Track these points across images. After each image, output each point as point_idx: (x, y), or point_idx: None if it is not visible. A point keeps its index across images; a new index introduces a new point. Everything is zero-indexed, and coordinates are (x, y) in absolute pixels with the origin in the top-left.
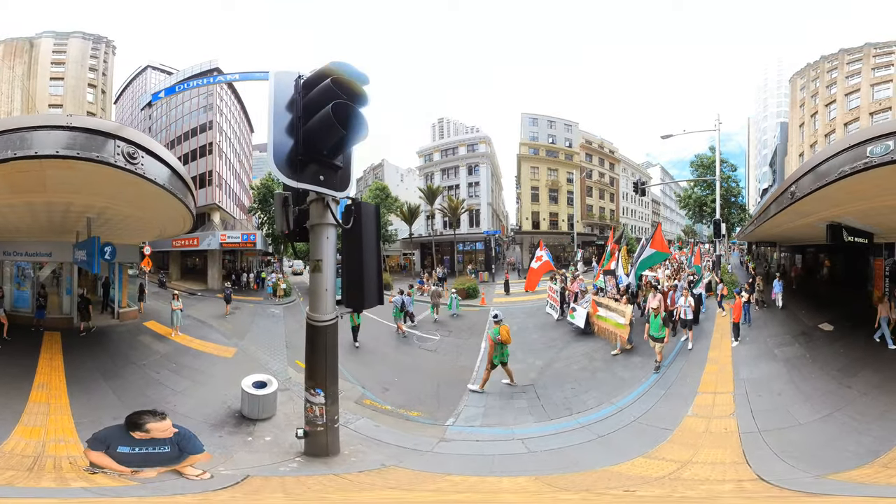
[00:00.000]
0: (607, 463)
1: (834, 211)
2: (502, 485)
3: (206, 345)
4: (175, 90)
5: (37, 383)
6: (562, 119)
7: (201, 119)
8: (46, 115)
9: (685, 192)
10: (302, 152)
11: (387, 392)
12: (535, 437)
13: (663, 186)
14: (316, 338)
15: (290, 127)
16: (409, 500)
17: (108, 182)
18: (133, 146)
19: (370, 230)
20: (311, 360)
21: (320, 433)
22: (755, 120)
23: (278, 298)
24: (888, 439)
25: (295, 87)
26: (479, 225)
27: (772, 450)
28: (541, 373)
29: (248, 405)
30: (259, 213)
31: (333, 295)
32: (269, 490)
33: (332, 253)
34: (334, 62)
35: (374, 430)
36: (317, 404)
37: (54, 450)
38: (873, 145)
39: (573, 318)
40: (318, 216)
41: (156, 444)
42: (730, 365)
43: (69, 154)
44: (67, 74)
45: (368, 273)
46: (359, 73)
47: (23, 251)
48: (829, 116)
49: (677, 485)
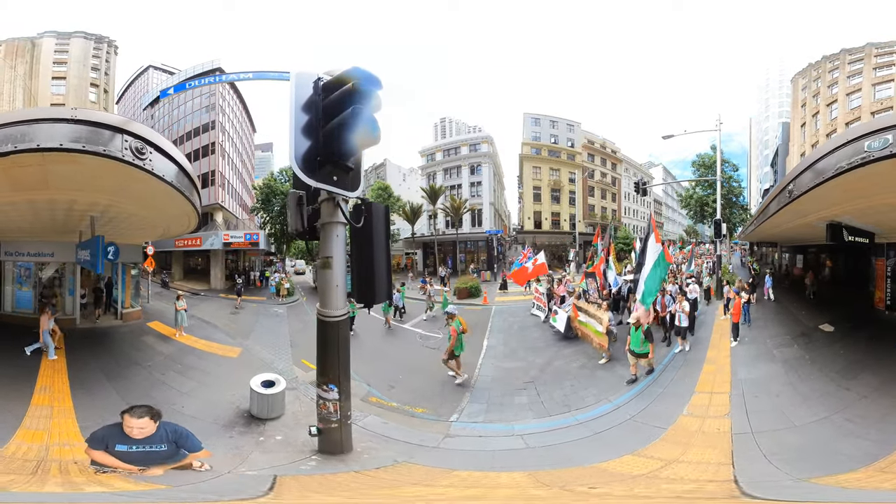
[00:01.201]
0: (598, 459)
1: (833, 210)
2: (500, 480)
3: (211, 345)
4: (185, 87)
5: (39, 386)
6: (564, 119)
7: (204, 119)
8: (49, 108)
9: (687, 193)
10: (321, 153)
11: (392, 389)
12: (534, 434)
13: (665, 186)
14: (328, 333)
15: (308, 127)
16: (429, 495)
17: (113, 178)
18: (141, 141)
19: (380, 229)
20: (323, 355)
21: (334, 430)
22: (757, 120)
23: (282, 298)
24: (888, 443)
25: (314, 88)
26: (481, 224)
27: (761, 451)
28: (541, 370)
29: (258, 405)
30: (261, 212)
31: (344, 290)
32: (310, 489)
33: (342, 250)
34: (354, 68)
35: (382, 426)
36: (330, 400)
37: (59, 453)
38: (871, 139)
39: (555, 322)
40: (329, 215)
41: (152, 442)
42: (728, 365)
43: (74, 147)
44: (69, 74)
45: (379, 270)
46: (375, 78)
47: (25, 251)
48: (831, 116)
49: (657, 483)
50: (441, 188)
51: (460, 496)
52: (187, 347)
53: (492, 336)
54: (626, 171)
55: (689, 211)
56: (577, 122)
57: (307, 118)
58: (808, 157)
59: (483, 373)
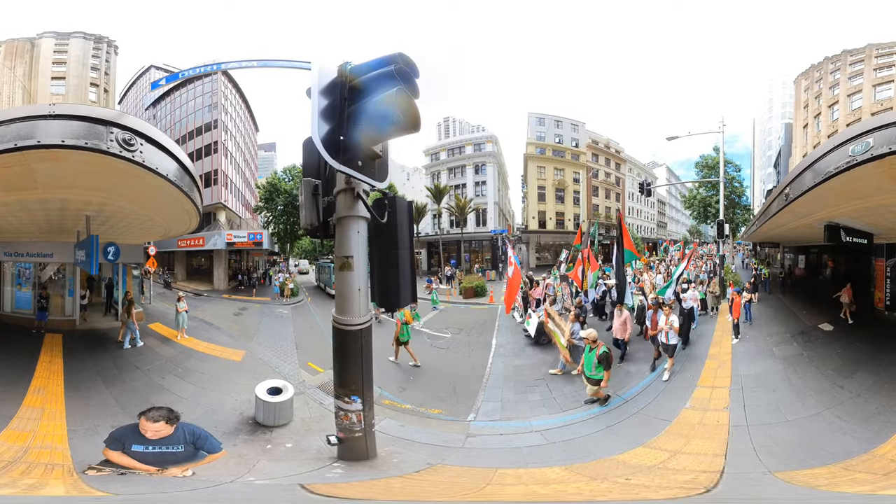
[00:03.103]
0: (615, 452)
1: (830, 211)
2: (549, 475)
3: (214, 348)
4: (178, 76)
5: (33, 387)
6: (568, 119)
7: (206, 118)
8: (26, 106)
9: (690, 193)
10: (346, 134)
11: (404, 391)
12: (551, 429)
13: (669, 187)
14: (349, 343)
15: (330, 110)
16: (507, 494)
17: (104, 174)
18: (129, 132)
19: (404, 225)
20: (343, 367)
21: (358, 439)
22: (761, 120)
23: (286, 298)
24: (869, 441)
25: (339, 72)
26: (485, 224)
27: (752, 444)
28: (552, 367)
29: (263, 412)
30: (265, 211)
31: (367, 295)
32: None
33: (363, 248)
34: (398, 52)
35: (400, 430)
36: (353, 411)
37: (36, 456)
38: (854, 144)
39: (528, 325)
40: (348, 208)
41: (169, 443)
42: (729, 361)
43: (52, 143)
44: (69, 74)
45: (403, 271)
46: (416, 66)
47: (24, 252)
48: (832, 118)
49: (667, 473)
50: (446, 187)
51: (549, 493)
52: (189, 350)
53: (500, 335)
54: (630, 171)
55: (692, 211)
56: (581, 121)
57: (328, 101)
58: (802, 161)
59: (494, 371)
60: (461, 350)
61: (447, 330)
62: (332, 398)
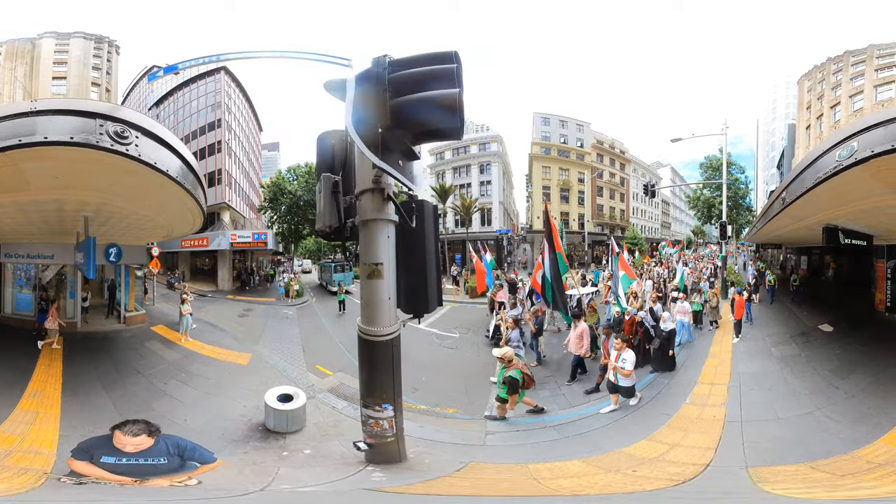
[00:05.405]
0: (622, 445)
1: (826, 214)
2: (569, 469)
3: (219, 351)
4: (177, 68)
5: (30, 391)
6: (573, 119)
7: (209, 117)
8: (8, 105)
9: (694, 194)
10: (388, 129)
11: (417, 392)
12: (563, 424)
13: (673, 187)
14: (380, 354)
15: (371, 103)
16: (562, 487)
17: (99, 172)
18: (122, 124)
19: (431, 230)
20: (372, 377)
21: (390, 443)
22: (764, 121)
23: (291, 299)
24: (856, 441)
25: (376, 63)
26: (490, 223)
27: (742, 439)
28: (559, 364)
29: (274, 419)
30: (269, 211)
31: (395, 304)
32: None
33: (392, 255)
34: (452, 50)
35: (420, 430)
36: (384, 418)
37: (16, 460)
38: (839, 149)
39: (490, 326)
40: (376, 210)
41: (149, 455)
42: (729, 359)
43: (32, 140)
44: (70, 74)
45: (431, 277)
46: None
47: (24, 253)
48: (834, 119)
49: (663, 465)
50: (451, 187)
51: (591, 484)
52: (193, 353)
53: None
54: (635, 171)
55: (696, 212)
56: (586, 121)
57: (371, 92)
58: (797, 165)
59: None
60: (470, 350)
61: (455, 330)
62: (343, 402)
